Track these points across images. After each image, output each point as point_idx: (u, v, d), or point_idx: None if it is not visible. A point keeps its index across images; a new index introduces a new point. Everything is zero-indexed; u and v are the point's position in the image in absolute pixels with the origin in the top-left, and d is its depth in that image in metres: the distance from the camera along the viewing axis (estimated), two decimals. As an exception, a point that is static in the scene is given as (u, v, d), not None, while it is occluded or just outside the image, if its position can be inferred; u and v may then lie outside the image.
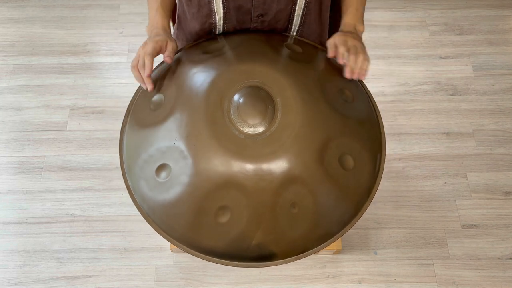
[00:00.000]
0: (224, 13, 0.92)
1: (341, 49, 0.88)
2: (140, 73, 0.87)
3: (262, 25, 0.97)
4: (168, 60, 0.88)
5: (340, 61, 0.88)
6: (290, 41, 0.97)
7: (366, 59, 0.88)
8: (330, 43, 0.91)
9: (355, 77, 0.88)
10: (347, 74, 0.88)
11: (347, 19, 0.96)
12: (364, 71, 0.88)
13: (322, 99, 0.84)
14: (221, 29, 0.97)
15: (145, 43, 0.89)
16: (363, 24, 0.98)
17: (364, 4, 0.99)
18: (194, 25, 0.99)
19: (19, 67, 1.90)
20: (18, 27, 2.01)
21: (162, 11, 0.94)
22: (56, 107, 1.80)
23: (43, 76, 1.88)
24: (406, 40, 1.96)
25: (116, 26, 2.01)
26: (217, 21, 0.93)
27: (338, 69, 0.92)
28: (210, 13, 0.92)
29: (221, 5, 0.90)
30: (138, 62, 0.87)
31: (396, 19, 2.02)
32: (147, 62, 0.85)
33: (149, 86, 0.87)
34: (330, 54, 0.90)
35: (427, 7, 2.05)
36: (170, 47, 0.89)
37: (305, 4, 0.93)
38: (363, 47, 0.91)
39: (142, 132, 0.86)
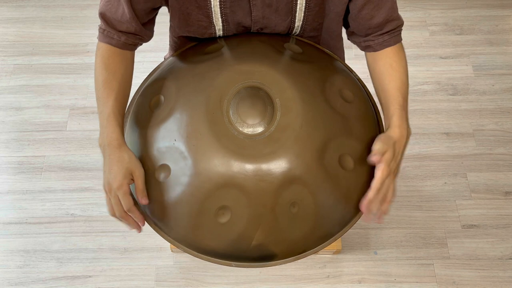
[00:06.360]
0: (223, 25, 0.91)
1: (377, 184, 0.78)
2: (128, 219, 0.81)
3: None
4: (144, 202, 0.80)
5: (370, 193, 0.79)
6: (290, 41, 0.96)
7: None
8: (378, 149, 0.79)
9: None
10: (366, 219, 0.81)
11: (398, 121, 0.83)
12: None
13: (322, 99, 0.83)
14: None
15: (109, 187, 0.79)
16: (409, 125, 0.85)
17: (407, 97, 0.87)
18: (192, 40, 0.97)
19: (19, 67, 1.90)
20: (18, 27, 2.01)
21: (114, 118, 0.81)
22: (56, 107, 1.80)
23: (43, 76, 1.88)
24: (406, 40, 1.95)
25: (116, 26, 2.01)
26: (216, 31, 0.93)
27: (338, 70, 0.92)
28: (210, 25, 0.91)
29: (220, 19, 0.89)
30: (120, 212, 0.80)
31: (396, 19, 2.02)
32: (135, 215, 0.80)
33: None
34: (374, 158, 0.78)
35: (427, 7, 2.05)
36: (139, 180, 0.80)
37: (304, 18, 0.91)
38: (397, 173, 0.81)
39: (142, 132, 0.86)
